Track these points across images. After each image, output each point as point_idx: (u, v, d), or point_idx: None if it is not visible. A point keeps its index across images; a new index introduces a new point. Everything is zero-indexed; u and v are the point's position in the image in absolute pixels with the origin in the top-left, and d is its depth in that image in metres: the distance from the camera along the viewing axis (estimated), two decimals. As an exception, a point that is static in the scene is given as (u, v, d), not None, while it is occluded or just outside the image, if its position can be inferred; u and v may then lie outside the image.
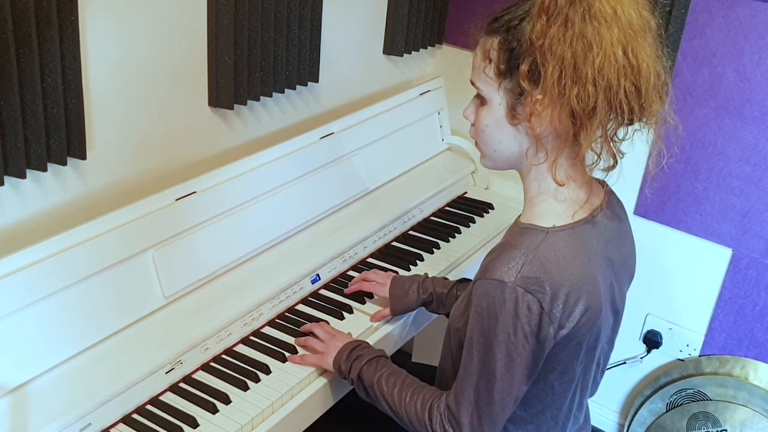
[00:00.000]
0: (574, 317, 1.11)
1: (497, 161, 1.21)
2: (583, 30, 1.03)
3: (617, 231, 1.24)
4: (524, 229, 1.16)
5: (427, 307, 1.55)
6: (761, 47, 1.81)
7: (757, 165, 1.90)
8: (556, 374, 1.18)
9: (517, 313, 1.09)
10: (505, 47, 1.10)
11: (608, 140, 1.12)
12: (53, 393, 1.24)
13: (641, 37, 1.07)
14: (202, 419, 1.28)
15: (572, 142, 1.11)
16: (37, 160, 1.31)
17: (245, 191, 1.59)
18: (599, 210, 1.19)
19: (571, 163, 1.16)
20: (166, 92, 1.55)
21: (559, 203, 1.16)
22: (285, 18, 1.70)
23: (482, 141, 1.20)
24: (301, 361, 1.42)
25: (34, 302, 1.24)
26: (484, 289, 1.12)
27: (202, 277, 1.49)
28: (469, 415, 1.17)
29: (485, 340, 1.13)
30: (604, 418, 2.34)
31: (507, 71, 1.11)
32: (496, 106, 1.14)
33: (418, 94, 2.10)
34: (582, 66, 1.04)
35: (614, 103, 1.06)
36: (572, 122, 1.08)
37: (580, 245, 1.14)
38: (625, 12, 1.05)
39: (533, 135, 1.12)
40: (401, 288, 1.54)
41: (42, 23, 1.24)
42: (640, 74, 1.06)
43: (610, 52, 1.04)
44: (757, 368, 2.03)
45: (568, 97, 1.05)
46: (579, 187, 1.18)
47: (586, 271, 1.12)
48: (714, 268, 2.04)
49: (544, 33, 1.04)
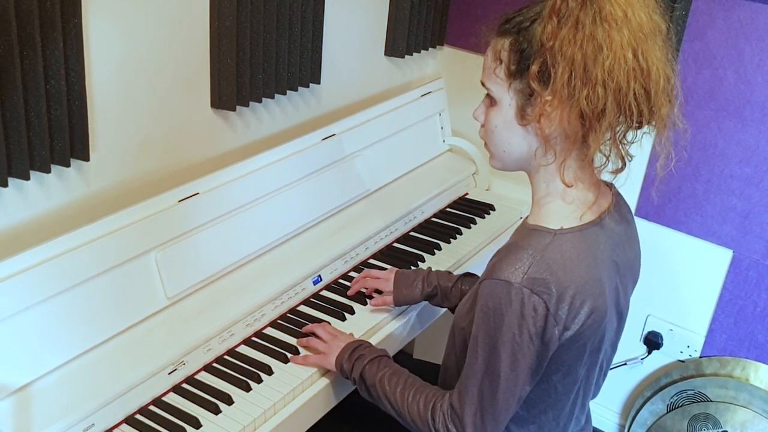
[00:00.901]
0: (579, 319, 1.11)
1: (506, 162, 1.21)
2: (594, 32, 1.04)
3: (624, 234, 1.24)
4: (532, 230, 1.16)
5: (431, 301, 1.55)
6: (762, 49, 1.81)
7: (758, 166, 1.90)
8: (559, 375, 1.18)
9: (522, 314, 1.09)
10: (515, 48, 1.11)
11: (617, 143, 1.12)
12: (56, 394, 1.24)
13: (651, 40, 1.07)
14: (204, 420, 1.29)
15: (581, 143, 1.11)
16: (40, 162, 1.31)
17: (247, 193, 1.59)
18: (607, 213, 1.19)
19: (579, 165, 1.16)
20: (168, 94, 1.56)
21: (567, 204, 1.17)
22: (287, 20, 1.70)
23: (491, 142, 1.20)
24: (303, 362, 1.43)
25: (38, 303, 1.24)
26: (491, 289, 1.13)
27: (204, 278, 1.50)
28: (472, 414, 1.17)
29: (490, 340, 1.13)
30: (604, 419, 2.34)
31: (517, 72, 1.12)
32: (506, 106, 1.15)
33: (419, 96, 2.10)
34: (592, 68, 1.04)
35: (623, 106, 1.07)
36: (581, 124, 1.08)
37: (588, 248, 1.14)
38: (636, 15, 1.06)
39: (542, 136, 1.12)
40: (405, 280, 1.55)
41: (45, 25, 1.24)
42: (649, 77, 1.07)
43: (620, 55, 1.04)
44: (757, 369, 2.04)
45: (577, 98, 1.06)
46: (587, 188, 1.18)
47: (592, 274, 1.13)
48: (715, 270, 2.04)
49: (555, 34, 1.05)
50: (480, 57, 1.21)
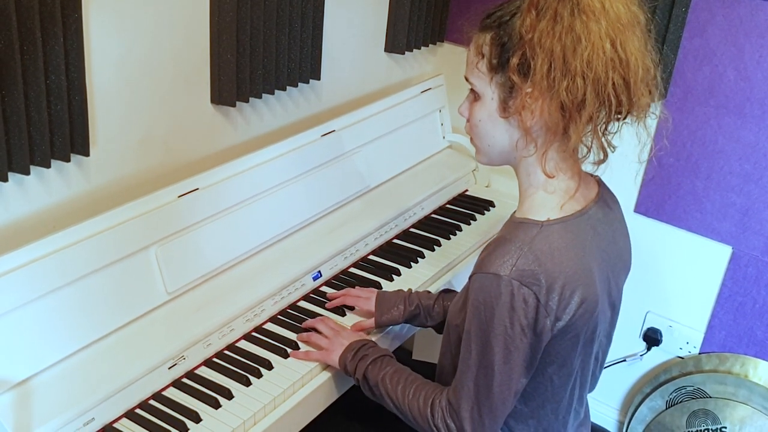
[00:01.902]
0: (570, 309, 1.12)
1: (491, 156, 1.22)
2: (572, 24, 1.05)
3: (611, 224, 1.25)
4: (519, 223, 1.17)
5: (414, 321, 1.53)
6: (762, 46, 1.81)
7: (758, 163, 1.90)
8: (554, 367, 1.19)
9: (513, 306, 1.10)
10: (496, 42, 1.13)
11: (598, 133, 1.13)
12: (56, 388, 1.24)
13: (630, 30, 1.08)
14: (204, 414, 1.29)
15: (562, 134, 1.12)
16: (40, 157, 1.32)
17: (247, 188, 1.59)
18: (593, 203, 1.21)
19: (561, 156, 1.17)
20: (168, 89, 1.56)
21: (549, 195, 1.18)
22: (287, 16, 1.70)
23: (476, 136, 1.22)
24: (305, 358, 1.43)
25: (38, 298, 1.25)
26: (481, 283, 1.13)
27: (204, 274, 1.50)
28: (469, 408, 1.17)
29: (483, 334, 1.14)
30: (603, 415, 2.35)
31: (498, 66, 1.13)
32: (488, 100, 1.16)
33: (419, 92, 2.10)
34: (571, 59, 1.05)
35: (603, 96, 1.08)
36: (562, 115, 1.09)
37: (575, 238, 1.15)
38: (614, 6, 1.07)
39: (523, 127, 1.13)
40: (387, 302, 1.52)
41: (46, 21, 1.24)
42: (628, 67, 1.08)
43: (599, 46, 1.05)
44: (756, 366, 2.04)
45: (557, 89, 1.07)
46: (569, 178, 1.19)
47: (581, 264, 1.13)
48: (714, 266, 2.05)
49: (534, 27, 1.06)
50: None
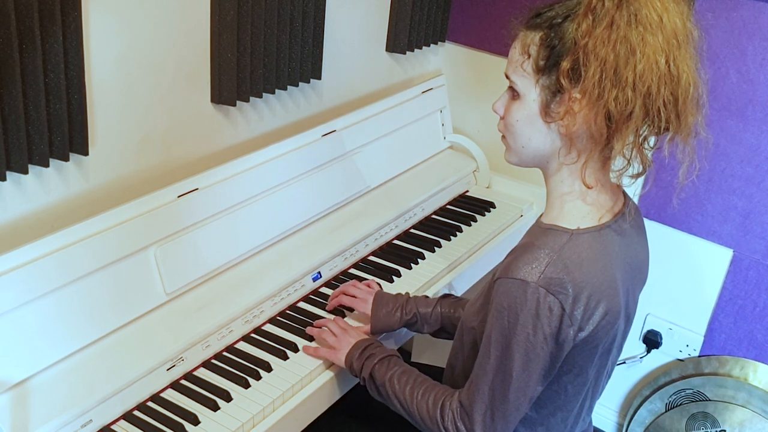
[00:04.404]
0: (594, 320, 1.11)
1: (523, 157, 1.20)
2: (628, 34, 1.03)
3: (636, 237, 1.24)
4: (547, 230, 1.15)
5: (410, 328, 1.52)
6: (765, 48, 1.81)
7: (759, 166, 1.90)
8: (570, 376, 1.18)
9: (538, 314, 1.09)
10: (546, 44, 1.10)
11: (640, 147, 1.11)
12: (54, 389, 1.24)
13: (684, 47, 1.07)
14: (203, 416, 1.28)
15: (604, 145, 1.11)
16: (39, 156, 1.31)
17: (247, 188, 1.59)
18: (621, 215, 1.19)
19: (600, 167, 1.15)
20: (168, 88, 1.55)
21: (586, 206, 1.16)
22: (288, 15, 1.70)
23: (511, 136, 1.19)
24: (314, 353, 1.42)
25: (36, 298, 1.24)
26: (506, 288, 1.12)
27: (203, 274, 1.49)
28: (482, 412, 1.16)
29: (504, 339, 1.12)
30: (603, 417, 2.34)
31: (546, 68, 1.11)
32: (530, 101, 1.14)
33: (420, 92, 2.09)
34: (623, 70, 1.03)
35: (651, 111, 1.06)
36: (607, 125, 1.08)
37: (603, 249, 1.14)
38: (671, 21, 1.05)
39: (566, 134, 1.11)
40: (384, 307, 1.50)
41: (45, 19, 1.23)
42: (679, 84, 1.06)
43: (653, 60, 1.04)
44: (756, 369, 2.04)
45: (606, 99, 1.05)
46: (606, 191, 1.18)
47: (607, 275, 1.12)
48: (715, 269, 2.04)
49: (589, 33, 1.04)
50: (482, 54, 1.20)
